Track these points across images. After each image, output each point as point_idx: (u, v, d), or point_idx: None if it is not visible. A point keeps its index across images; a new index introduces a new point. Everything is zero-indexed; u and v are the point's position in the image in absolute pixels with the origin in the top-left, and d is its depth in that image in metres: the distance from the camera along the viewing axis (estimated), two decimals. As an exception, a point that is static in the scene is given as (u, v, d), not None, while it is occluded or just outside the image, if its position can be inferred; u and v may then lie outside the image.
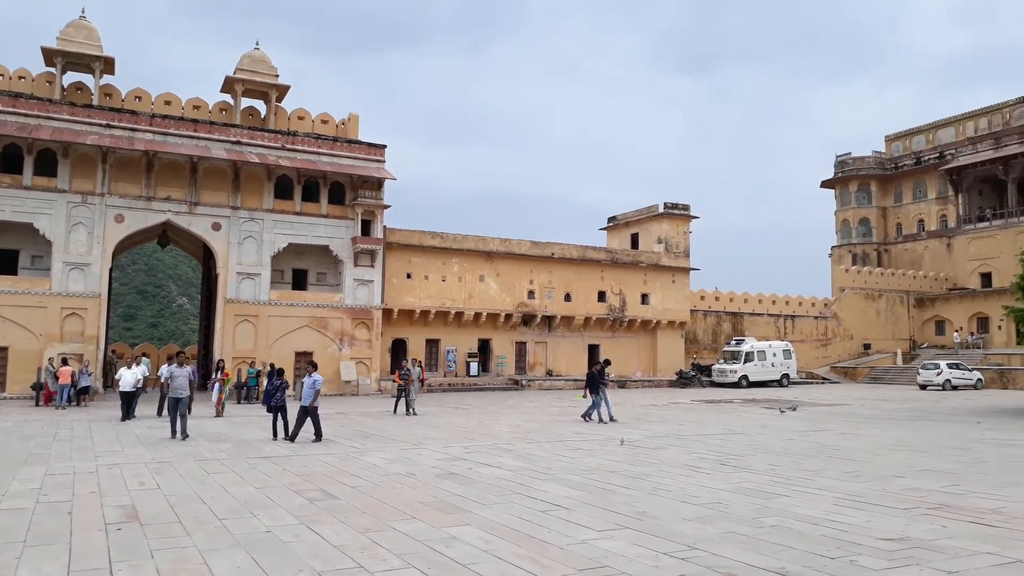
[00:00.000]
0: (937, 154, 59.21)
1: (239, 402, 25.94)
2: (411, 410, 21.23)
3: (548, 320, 38.42)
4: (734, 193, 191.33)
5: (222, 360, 25.48)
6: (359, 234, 32.29)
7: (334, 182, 32.59)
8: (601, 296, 39.63)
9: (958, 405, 26.37)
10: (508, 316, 37.04)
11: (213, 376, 23.78)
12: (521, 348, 38.29)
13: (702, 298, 45.89)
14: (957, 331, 47.97)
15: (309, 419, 14.89)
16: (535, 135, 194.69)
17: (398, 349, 35.07)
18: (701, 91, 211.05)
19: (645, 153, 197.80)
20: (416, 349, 34.59)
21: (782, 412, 22.79)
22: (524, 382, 36.08)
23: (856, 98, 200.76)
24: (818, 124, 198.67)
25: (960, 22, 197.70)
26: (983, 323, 47.65)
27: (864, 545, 6.75)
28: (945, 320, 50.13)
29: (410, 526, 7.52)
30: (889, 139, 64.78)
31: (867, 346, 49.04)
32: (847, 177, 63.52)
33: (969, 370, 37.66)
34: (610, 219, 46.84)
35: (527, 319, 37.84)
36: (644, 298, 40.75)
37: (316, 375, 15.03)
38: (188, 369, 15.71)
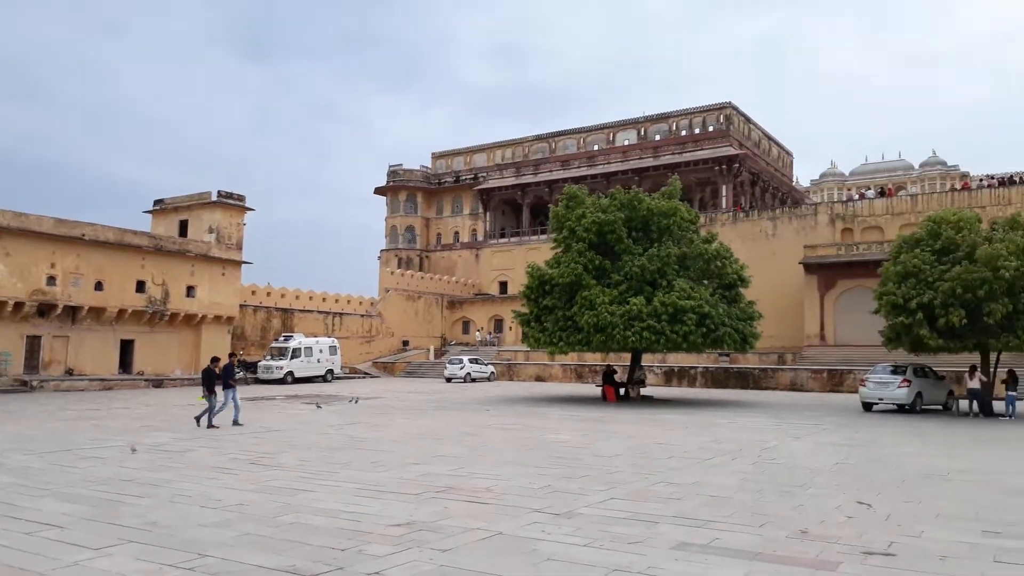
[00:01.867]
0: (472, 175, 67.06)
1: None
2: None
3: (72, 311, 33.60)
4: (294, 189, 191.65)
5: None
6: None
7: None
8: (140, 286, 36.06)
9: (474, 395, 30.01)
10: (19, 305, 31.44)
11: None
12: (34, 343, 32.80)
13: (253, 293, 44.89)
14: (479, 330, 54.83)
15: None
16: (71, 97, 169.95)
17: None
18: (266, 80, 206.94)
19: (201, 135, 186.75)
20: None
21: (319, 407, 23.35)
22: (36, 383, 30.98)
23: (410, 109, 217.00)
24: (377, 130, 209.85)
25: (496, 59, 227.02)
26: (499, 324, 55.26)
27: (374, 533, 7.16)
28: (470, 320, 56.90)
29: None
30: (435, 156, 71.33)
31: (406, 343, 53.11)
32: (398, 186, 68.23)
33: (486, 365, 43.23)
34: (156, 202, 42.96)
35: (44, 309, 32.60)
36: (190, 290, 38.23)
37: None
38: None
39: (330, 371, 41.27)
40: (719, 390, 36.17)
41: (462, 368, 41.05)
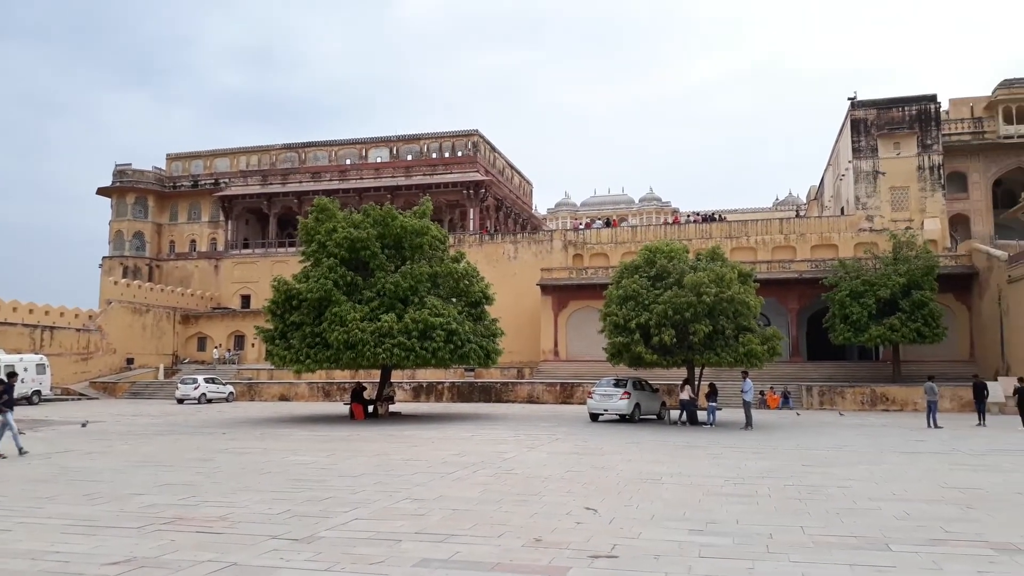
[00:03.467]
0: (213, 180, 63.05)
1: None
2: None
3: None
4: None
5: None
6: None
7: None
8: None
9: (210, 417, 28.06)
10: None
11: None
12: None
13: (-66, 302, 38.33)
14: (217, 347, 51.45)
15: None
16: None
17: None
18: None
19: None
20: None
21: (21, 434, 20.43)
22: None
23: (143, 108, 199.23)
24: (106, 127, 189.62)
25: (244, 64, 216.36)
26: (240, 340, 52.33)
27: (87, 574, 6.43)
28: (207, 336, 53.25)
29: None
30: (171, 158, 66.04)
31: (131, 361, 48.35)
32: (125, 188, 62.28)
33: (224, 384, 40.62)
34: None
35: None
36: None
37: None
38: None
39: (37, 392, 36.34)
40: (465, 404, 37.22)
41: (196, 388, 38.20)
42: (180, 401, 37.81)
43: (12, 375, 17.78)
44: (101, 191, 63.01)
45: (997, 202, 48.56)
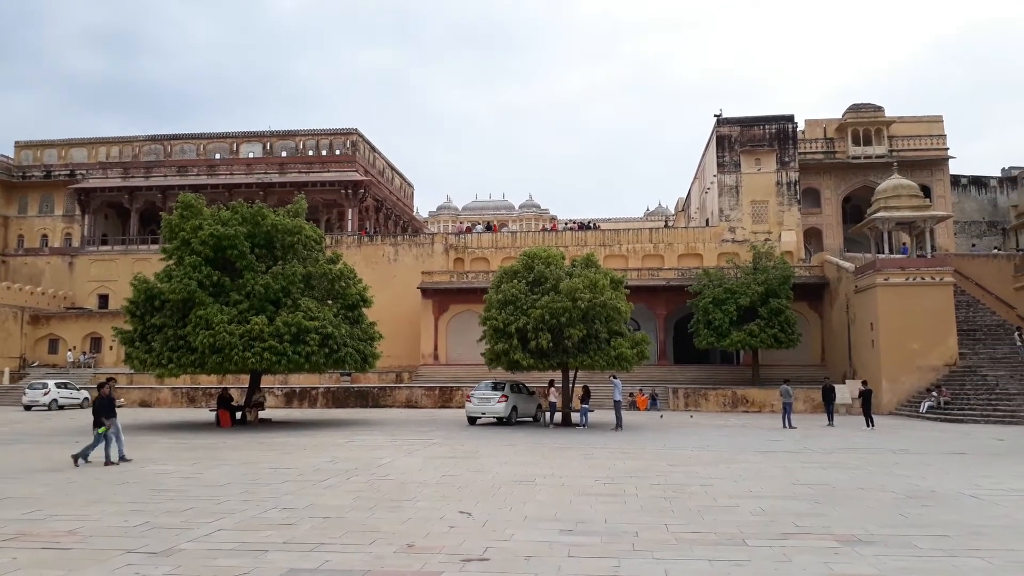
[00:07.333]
0: (68, 171, 58.91)
1: None
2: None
3: None
4: None
5: None
6: None
7: None
8: None
9: (62, 425, 26.15)
10: None
11: None
12: None
13: None
14: (71, 350, 48.04)
15: None
16: None
17: None
18: None
19: None
20: None
21: None
22: None
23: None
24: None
25: (96, 48, 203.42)
26: (97, 343, 49.06)
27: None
28: (60, 338, 49.61)
29: None
30: (20, 145, 61.19)
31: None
32: (-34, 176, 57.08)
33: (78, 389, 37.98)
34: None
35: None
36: None
37: None
38: None
39: None
40: (340, 410, 36.41)
41: (46, 393, 35.50)
42: (28, 408, 35.04)
43: (112, 379, 16.79)
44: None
45: (847, 217, 52.35)
